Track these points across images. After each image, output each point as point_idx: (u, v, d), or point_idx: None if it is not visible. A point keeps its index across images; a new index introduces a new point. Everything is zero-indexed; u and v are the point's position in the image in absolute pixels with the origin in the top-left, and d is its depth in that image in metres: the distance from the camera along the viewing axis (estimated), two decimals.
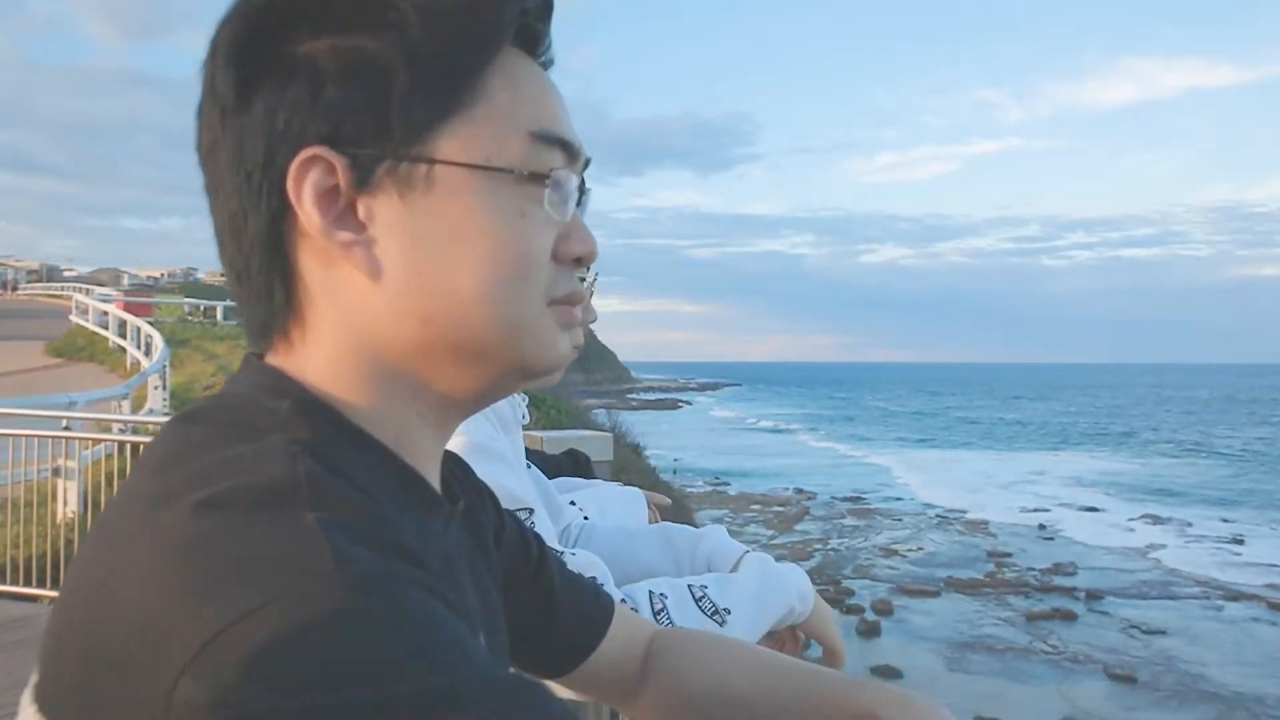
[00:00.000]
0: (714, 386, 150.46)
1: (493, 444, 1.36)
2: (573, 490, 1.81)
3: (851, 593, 23.79)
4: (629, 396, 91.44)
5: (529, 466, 1.56)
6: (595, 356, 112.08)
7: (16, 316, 35.84)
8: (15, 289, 65.87)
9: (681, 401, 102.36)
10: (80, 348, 23.04)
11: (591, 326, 1.53)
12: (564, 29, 0.70)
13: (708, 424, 75.70)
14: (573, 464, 2.15)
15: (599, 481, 1.98)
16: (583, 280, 0.94)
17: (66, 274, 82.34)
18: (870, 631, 20.85)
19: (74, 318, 27.12)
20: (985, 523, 33.21)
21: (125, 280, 71.94)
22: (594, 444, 4.12)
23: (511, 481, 1.33)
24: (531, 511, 1.32)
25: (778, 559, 1.47)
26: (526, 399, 1.64)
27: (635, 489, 1.88)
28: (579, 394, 28.70)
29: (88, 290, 35.31)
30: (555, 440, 4.15)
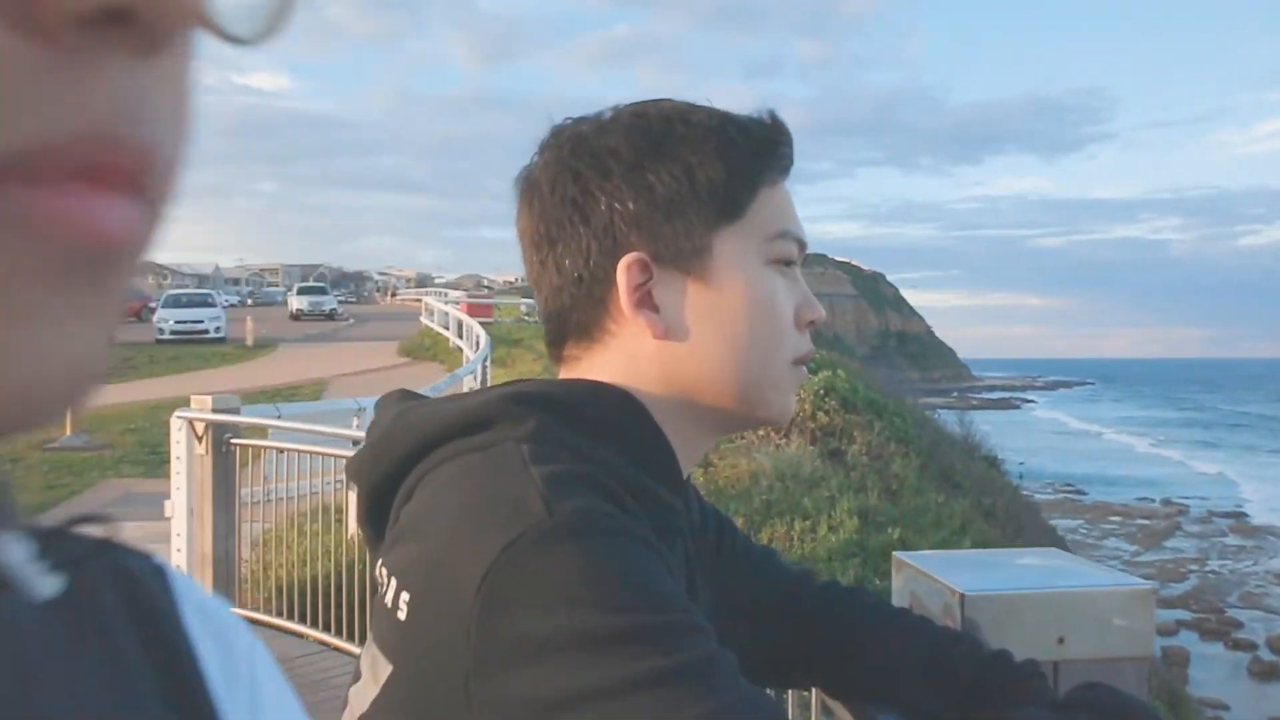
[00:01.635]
0: (1063, 385, 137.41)
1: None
2: None
3: (1239, 625, 20.62)
4: (968, 395, 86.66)
5: None
6: (932, 353, 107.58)
7: (386, 319, 39.75)
8: (395, 295, 73.72)
9: (1021, 400, 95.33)
10: (426, 348, 24.74)
11: (929, 323, 0.65)
12: (892, 17, 0.54)
13: (1038, 425, 69.67)
14: None
15: None
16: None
17: (436, 280, 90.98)
18: (1267, 674, 17.86)
19: (423, 319, 29.43)
20: None
21: (485, 284, 77.98)
22: (1124, 613, 1.13)
23: None
24: None
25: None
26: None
27: None
28: (916, 392, 27.17)
29: (444, 294, 38.21)
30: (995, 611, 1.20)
